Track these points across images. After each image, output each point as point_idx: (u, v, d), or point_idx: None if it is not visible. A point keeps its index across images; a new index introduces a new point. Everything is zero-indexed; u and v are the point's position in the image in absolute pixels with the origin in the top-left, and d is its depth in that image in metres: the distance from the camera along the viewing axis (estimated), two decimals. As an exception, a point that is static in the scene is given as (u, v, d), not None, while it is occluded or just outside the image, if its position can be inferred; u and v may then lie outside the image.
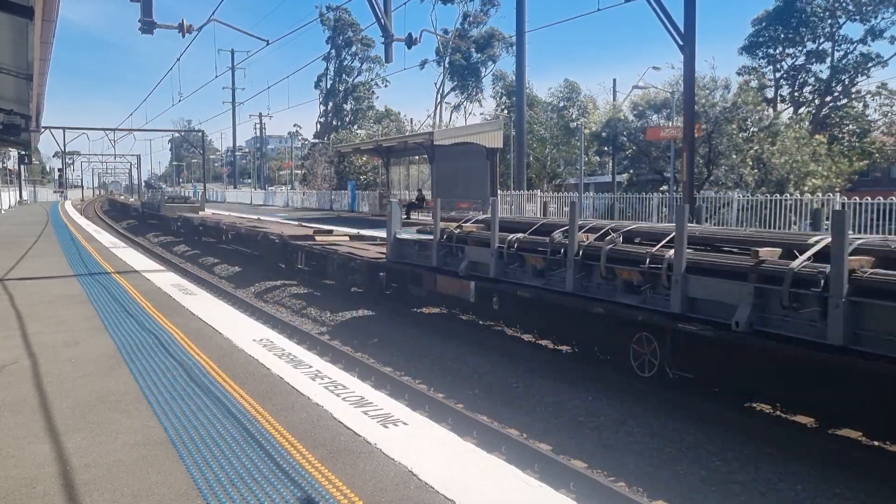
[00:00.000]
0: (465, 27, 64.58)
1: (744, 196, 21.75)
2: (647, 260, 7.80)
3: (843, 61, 41.10)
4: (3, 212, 44.19)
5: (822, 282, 6.05)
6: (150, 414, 5.03)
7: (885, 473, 5.99)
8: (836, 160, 25.39)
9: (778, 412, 7.48)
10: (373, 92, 77.10)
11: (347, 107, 76.63)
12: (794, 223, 20.13)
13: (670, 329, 7.53)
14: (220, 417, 4.94)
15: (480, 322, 12.19)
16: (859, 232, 18.57)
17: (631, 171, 35.10)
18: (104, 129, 64.73)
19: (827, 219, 19.25)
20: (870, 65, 40.25)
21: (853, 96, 41.11)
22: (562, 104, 49.23)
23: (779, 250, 6.87)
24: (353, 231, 20.34)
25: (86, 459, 4.21)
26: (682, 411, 7.40)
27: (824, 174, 23.07)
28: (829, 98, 41.80)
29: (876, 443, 6.64)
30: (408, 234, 13.28)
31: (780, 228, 20.06)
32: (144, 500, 3.68)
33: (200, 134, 78.62)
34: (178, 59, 32.81)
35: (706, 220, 22.09)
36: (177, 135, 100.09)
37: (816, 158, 23.38)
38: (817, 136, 25.19)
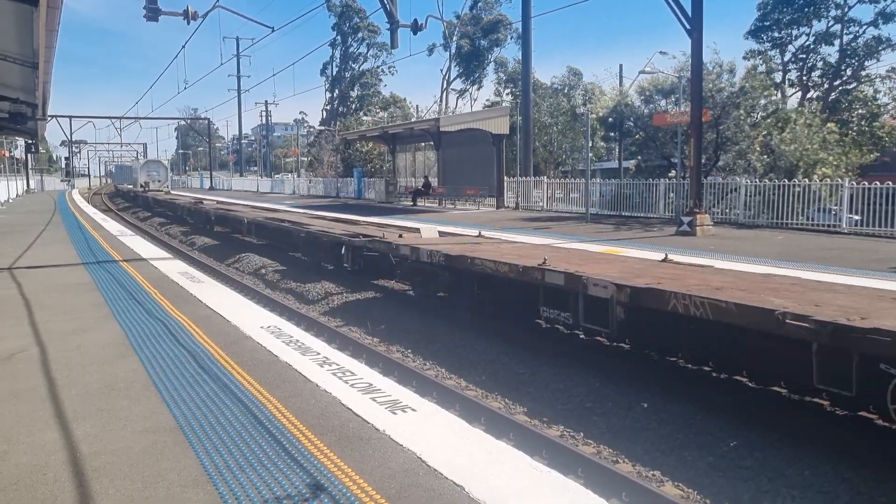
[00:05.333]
0: (475, 13, 64.24)
1: (751, 182, 21.65)
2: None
3: (853, 44, 40.72)
4: (10, 201, 44.34)
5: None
6: (160, 401, 5.05)
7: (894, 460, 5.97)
8: (846, 149, 25.16)
9: (786, 398, 7.47)
10: (379, 79, 76.88)
11: (353, 94, 76.48)
12: (801, 212, 20.05)
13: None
14: (229, 404, 4.96)
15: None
16: (865, 217, 18.48)
17: (639, 157, 34.90)
18: (110, 118, 65.22)
19: (836, 204, 19.26)
20: (880, 48, 39.84)
21: (863, 80, 40.73)
22: (566, 89, 48.99)
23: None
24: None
25: (95, 446, 4.23)
26: (690, 397, 7.39)
27: (834, 163, 22.88)
28: (837, 82, 41.45)
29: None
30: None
31: (788, 214, 20.01)
32: (154, 487, 3.69)
33: (206, 122, 78.81)
34: (184, 47, 32.89)
35: (713, 206, 22.04)
36: (183, 123, 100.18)
37: (826, 147, 23.18)
38: (829, 125, 24.93)
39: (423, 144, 37.35)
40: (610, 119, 32.10)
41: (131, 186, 61.08)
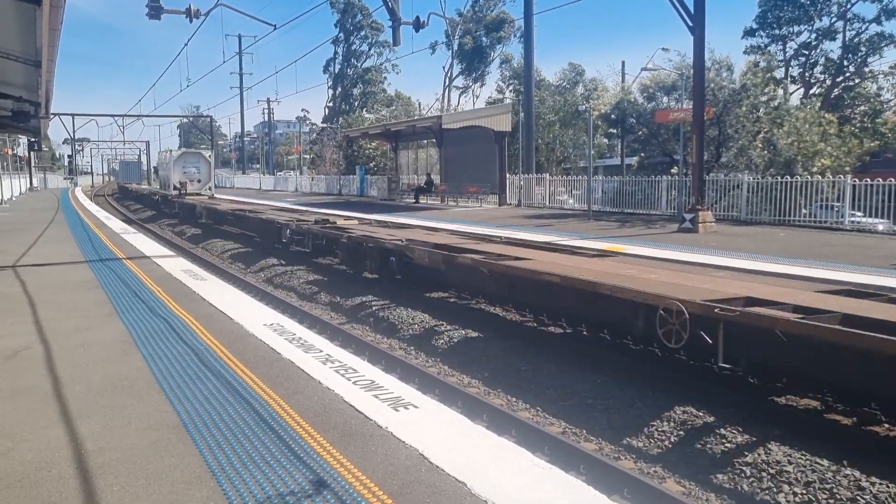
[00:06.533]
0: (475, 10, 64.15)
1: (753, 178, 21.62)
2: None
3: (856, 40, 40.64)
4: (14, 198, 44.41)
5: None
6: (163, 398, 5.07)
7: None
8: (846, 140, 25.14)
9: (787, 394, 7.47)
10: (383, 77, 76.81)
11: (356, 91, 76.43)
12: (804, 207, 20.04)
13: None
14: (233, 402, 4.98)
15: (490, 309, 12.22)
16: (868, 213, 18.46)
17: (642, 154, 34.89)
18: (113, 116, 64.92)
19: (837, 200, 19.23)
20: (883, 44, 39.77)
21: (865, 76, 40.67)
22: (566, 85, 48.93)
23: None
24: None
25: (99, 443, 4.25)
26: (692, 394, 7.40)
27: (833, 154, 22.86)
28: (840, 78, 41.37)
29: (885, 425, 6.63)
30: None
31: (790, 210, 20.00)
32: (158, 484, 3.71)
33: (209, 120, 78.70)
34: (186, 45, 32.88)
35: (715, 203, 22.01)
36: (185, 120, 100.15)
37: (826, 138, 23.18)
38: (827, 115, 24.91)
39: (425, 142, 37.35)
40: (612, 116, 32.11)
41: (152, 187, 52.28)
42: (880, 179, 18.26)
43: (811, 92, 41.25)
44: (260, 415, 4.71)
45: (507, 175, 30.64)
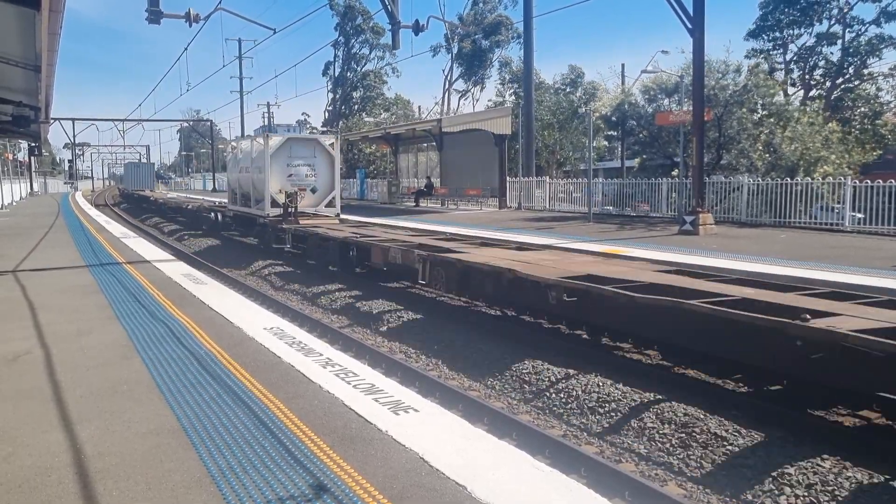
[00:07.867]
0: (475, 13, 64.14)
1: (754, 181, 21.62)
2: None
3: (855, 42, 40.68)
4: (14, 203, 44.44)
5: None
6: (163, 403, 5.07)
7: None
8: (848, 148, 25.11)
9: (785, 399, 7.47)
10: (384, 81, 76.79)
11: (356, 94, 76.42)
12: (804, 211, 20.02)
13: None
14: (232, 406, 4.97)
15: (492, 311, 12.22)
16: (869, 215, 18.44)
17: (643, 156, 34.89)
18: (113, 120, 65.18)
19: (838, 202, 19.23)
20: (882, 46, 39.80)
21: (865, 78, 40.70)
22: (567, 89, 48.97)
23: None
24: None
25: (99, 448, 4.25)
26: (694, 396, 7.40)
27: (836, 161, 22.85)
28: (840, 80, 41.40)
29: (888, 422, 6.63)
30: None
31: (790, 212, 19.99)
32: (158, 488, 3.71)
33: (209, 124, 78.84)
34: (186, 49, 32.96)
35: (715, 205, 22.00)
36: (185, 125, 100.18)
37: (829, 146, 23.16)
38: (831, 125, 24.86)
39: (425, 145, 37.39)
40: (613, 118, 32.12)
41: (157, 193, 41.40)
42: (881, 181, 18.26)
43: (811, 94, 41.28)
44: (260, 419, 4.71)
45: (508, 178, 30.64)
